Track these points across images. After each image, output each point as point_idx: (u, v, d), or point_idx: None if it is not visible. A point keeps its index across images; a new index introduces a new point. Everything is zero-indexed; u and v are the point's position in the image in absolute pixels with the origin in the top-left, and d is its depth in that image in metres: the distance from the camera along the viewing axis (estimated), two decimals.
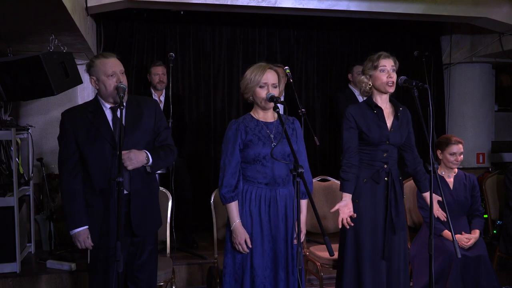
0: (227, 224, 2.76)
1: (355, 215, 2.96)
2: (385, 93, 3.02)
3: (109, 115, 2.72)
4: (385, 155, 3.02)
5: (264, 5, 4.57)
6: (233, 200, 2.68)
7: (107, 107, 2.73)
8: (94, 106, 2.74)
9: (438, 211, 3.17)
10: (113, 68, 2.66)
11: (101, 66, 2.66)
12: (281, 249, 2.69)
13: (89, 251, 2.82)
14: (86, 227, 2.69)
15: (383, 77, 2.96)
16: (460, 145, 3.67)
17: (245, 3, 4.54)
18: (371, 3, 4.71)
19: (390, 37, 6.04)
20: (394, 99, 3.12)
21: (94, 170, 2.68)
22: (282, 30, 5.79)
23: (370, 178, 3.01)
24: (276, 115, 2.75)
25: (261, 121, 2.73)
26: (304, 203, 2.80)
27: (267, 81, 2.66)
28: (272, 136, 2.71)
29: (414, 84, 2.80)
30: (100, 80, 2.67)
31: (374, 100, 3.05)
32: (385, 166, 3.02)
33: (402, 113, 3.10)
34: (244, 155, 2.69)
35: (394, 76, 2.97)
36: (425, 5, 4.81)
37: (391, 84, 2.96)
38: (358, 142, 3.04)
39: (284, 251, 2.70)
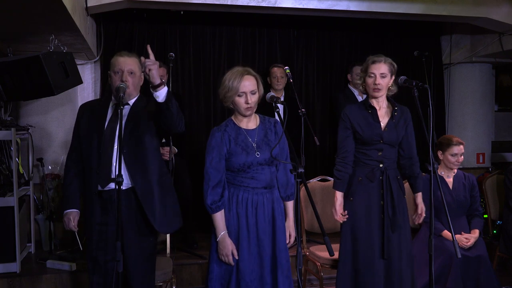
0: (212, 231, 2.72)
1: (345, 212, 3.09)
2: (373, 97, 3.09)
3: (110, 111, 2.79)
4: (380, 154, 3.06)
5: (264, 5, 4.57)
6: (219, 210, 2.64)
7: (112, 102, 2.81)
8: (104, 101, 2.87)
9: (421, 213, 3.19)
10: (120, 66, 2.73)
11: (113, 63, 2.77)
12: (268, 252, 2.66)
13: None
14: (76, 210, 2.81)
15: (370, 83, 3.05)
16: (461, 146, 3.68)
17: (245, 3, 4.54)
18: (371, 3, 4.70)
19: (390, 37, 6.04)
20: (392, 99, 3.15)
21: (85, 163, 2.79)
22: (282, 30, 5.78)
23: (365, 176, 3.07)
24: (258, 119, 2.76)
25: (243, 129, 2.70)
26: (290, 204, 2.80)
27: (245, 90, 2.61)
28: (254, 145, 2.67)
29: (414, 84, 2.83)
30: (110, 76, 2.78)
31: (369, 100, 3.13)
32: (381, 165, 3.06)
33: (399, 112, 3.13)
34: (228, 164, 2.66)
35: (381, 82, 3.02)
36: (425, 5, 4.81)
37: (377, 90, 3.03)
38: (353, 141, 3.10)
39: (270, 254, 2.67)
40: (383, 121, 3.09)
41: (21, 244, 4.23)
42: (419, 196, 3.19)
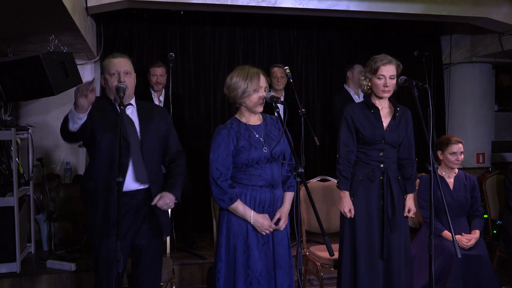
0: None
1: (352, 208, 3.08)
2: (381, 98, 3.08)
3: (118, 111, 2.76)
4: (381, 154, 3.06)
5: (264, 5, 4.57)
6: (237, 199, 2.66)
7: (116, 103, 2.77)
8: (106, 100, 2.82)
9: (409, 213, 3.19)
10: (115, 68, 2.72)
11: (107, 65, 2.75)
12: (271, 248, 2.71)
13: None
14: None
15: (380, 85, 3.03)
16: (460, 145, 3.67)
17: (245, 3, 4.54)
18: (371, 3, 4.71)
19: (390, 37, 6.04)
20: (393, 99, 3.16)
21: (99, 158, 2.71)
22: (282, 30, 5.78)
23: (365, 176, 3.07)
24: (261, 116, 2.80)
25: (249, 125, 2.73)
26: (289, 194, 2.80)
27: (262, 85, 2.69)
28: (262, 139, 2.71)
29: (414, 84, 2.82)
30: (105, 79, 2.75)
31: (372, 100, 3.11)
32: (381, 165, 3.06)
33: (401, 113, 3.14)
34: (236, 160, 2.68)
35: (391, 83, 3.03)
36: (425, 5, 4.82)
37: (387, 92, 3.04)
38: (355, 140, 3.09)
39: (272, 251, 2.71)
40: (385, 121, 3.10)
41: (21, 244, 4.23)
42: (410, 197, 3.18)
